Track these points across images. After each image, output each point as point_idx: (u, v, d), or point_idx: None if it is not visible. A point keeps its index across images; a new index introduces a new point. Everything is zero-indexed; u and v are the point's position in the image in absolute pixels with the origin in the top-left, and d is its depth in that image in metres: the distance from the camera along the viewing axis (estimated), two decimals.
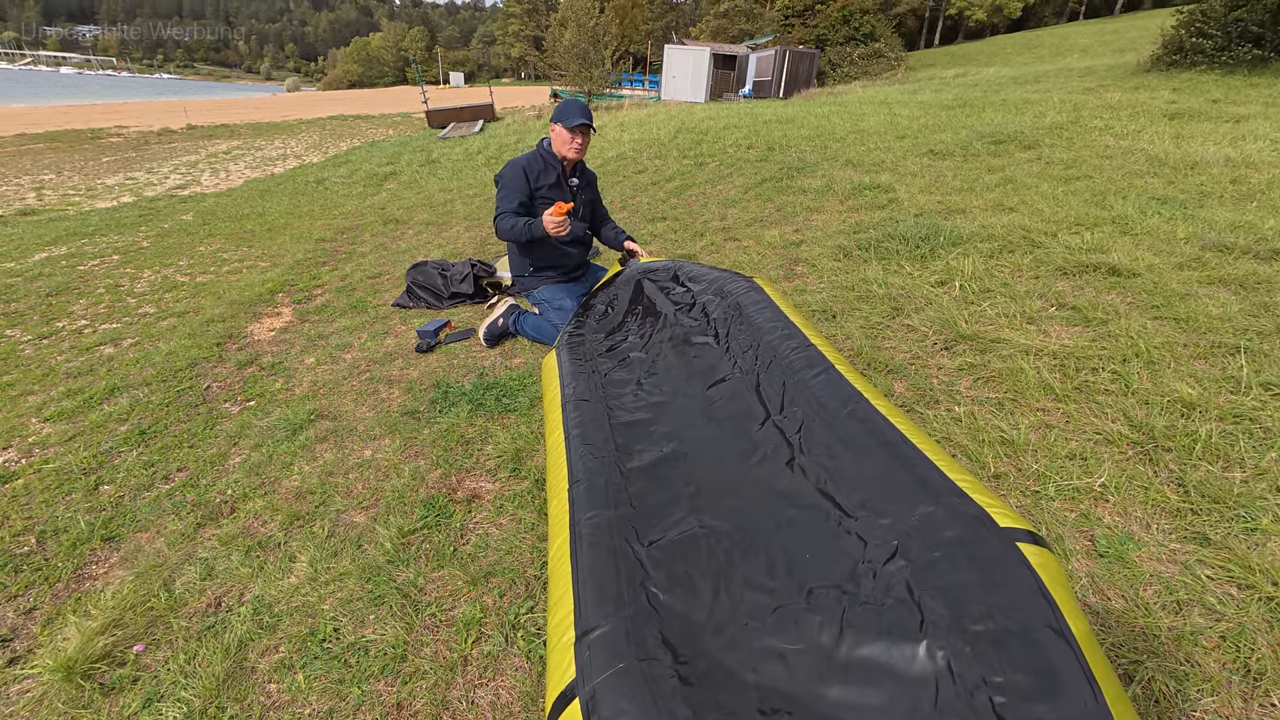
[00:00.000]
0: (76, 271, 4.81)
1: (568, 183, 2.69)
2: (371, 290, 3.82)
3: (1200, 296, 2.08)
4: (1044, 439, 1.57)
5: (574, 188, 2.73)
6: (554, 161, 2.61)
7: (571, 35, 17.12)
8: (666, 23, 52.28)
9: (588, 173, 2.81)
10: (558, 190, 2.65)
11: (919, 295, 2.43)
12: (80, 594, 1.60)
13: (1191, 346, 1.82)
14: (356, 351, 2.91)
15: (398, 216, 6.10)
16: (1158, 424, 1.51)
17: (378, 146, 12.47)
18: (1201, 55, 9.84)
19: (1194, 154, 4.06)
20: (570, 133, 2.50)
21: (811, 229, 3.49)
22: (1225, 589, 1.13)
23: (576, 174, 2.73)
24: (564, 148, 2.55)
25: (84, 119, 21.30)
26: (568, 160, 2.61)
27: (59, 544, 1.78)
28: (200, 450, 2.22)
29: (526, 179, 2.56)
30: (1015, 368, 1.84)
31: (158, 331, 3.45)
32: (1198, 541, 1.23)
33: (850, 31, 22.85)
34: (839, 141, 5.74)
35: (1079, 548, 1.27)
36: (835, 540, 1.00)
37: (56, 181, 9.88)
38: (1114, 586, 1.18)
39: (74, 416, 2.55)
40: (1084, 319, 2.06)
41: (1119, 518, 1.32)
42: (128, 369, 2.95)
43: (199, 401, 2.60)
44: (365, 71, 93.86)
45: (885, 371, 2.01)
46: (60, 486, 2.07)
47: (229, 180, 9.70)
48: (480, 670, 1.25)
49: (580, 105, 2.53)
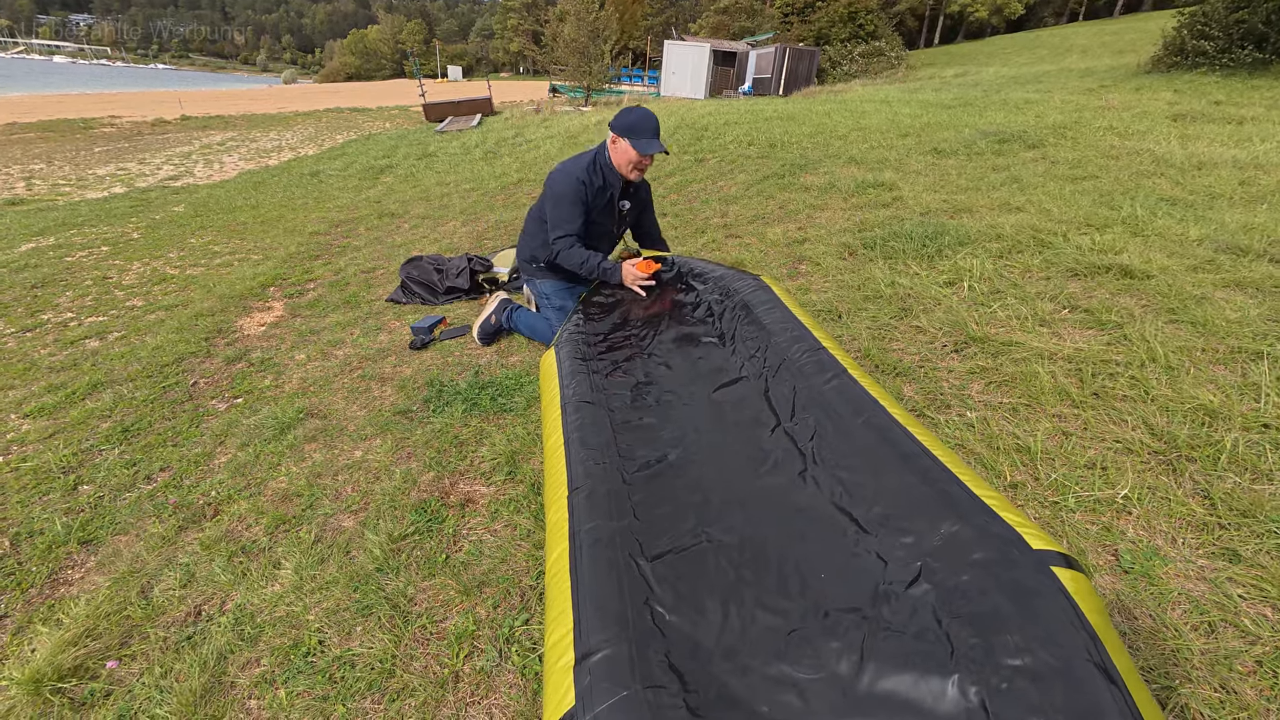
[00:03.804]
0: (64, 263, 4.71)
1: (619, 205, 2.34)
2: (365, 285, 3.74)
3: (1216, 300, 2.02)
4: (1062, 447, 1.51)
5: (623, 212, 2.38)
6: (614, 179, 2.25)
7: (571, 30, 16.96)
8: (667, 19, 52.12)
9: (642, 189, 2.46)
10: (607, 213, 2.33)
11: (927, 295, 2.36)
12: (54, 600, 1.53)
13: (1210, 351, 1.77)
14: (349, 348, 2.83)
15: (393, 210, 6.01)
16: (1180, 433, 1.45)
17: (374, 139, 12.33)
18: (1202, 57, 9.81)
19: (1201, 155, 4.01)
20: (641, 156, 2.16)
21: (815, 227, 3.42)
22: (1259, 609, 1.08)
23: (629, 194, 2.38)
24: (626, 167, 2.21)
25: (77, 108, 21.03)
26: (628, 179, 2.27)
27: (34, 547, 1.70)
28: (184, 449, 2.14)
29: (585, 192, 2.22)
30: (1029, 372, 1.78)
31: (145, 325, 3.36)
32: (1228, 558, 1.17)
33: (854, 29, 22.76)
34: (841, 139, 5.67)
35: (1103, 563, 1.21)
36: (852, 559, 0.93)
37: (47, 171, 9.72)
38: (1141, 605, 1.12)
39: (55, 413, 2.47)
40: (1098, 322, 2.00)
41: (1143, 531, 1.26)
42: (112, 364, 2.86)
43: (185, 398, 2.52)
44: (362, 64, 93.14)
45: (894, 374, 1.95)
46: (38, 486, 1.99)
47: (223, 172, 9.56)
48: (473, 687, 1.19)
49: (654, 123, 2.13)
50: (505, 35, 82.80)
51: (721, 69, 20.07)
